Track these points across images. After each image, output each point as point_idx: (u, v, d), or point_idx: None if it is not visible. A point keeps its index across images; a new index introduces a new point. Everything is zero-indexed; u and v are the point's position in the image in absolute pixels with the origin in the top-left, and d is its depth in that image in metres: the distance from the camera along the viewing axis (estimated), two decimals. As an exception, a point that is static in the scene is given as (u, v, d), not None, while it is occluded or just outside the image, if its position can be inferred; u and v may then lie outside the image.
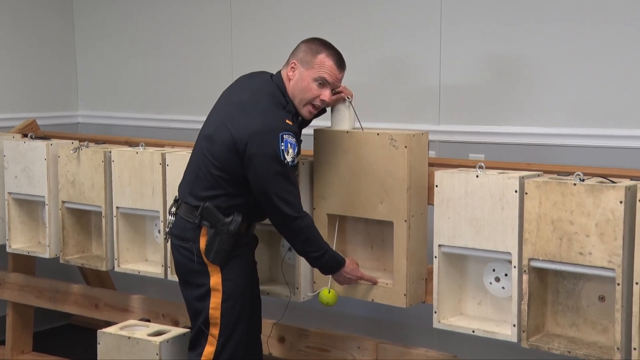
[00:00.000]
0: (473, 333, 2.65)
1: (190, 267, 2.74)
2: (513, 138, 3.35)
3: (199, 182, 2.72)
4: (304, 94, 2.70)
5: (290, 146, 2.60)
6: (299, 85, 2.70)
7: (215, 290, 2.71)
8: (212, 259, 2.69)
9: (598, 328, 2.51)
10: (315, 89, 2.70)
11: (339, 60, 2.73)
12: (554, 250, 2.44)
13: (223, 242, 2.68)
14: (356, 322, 3.81)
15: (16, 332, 4.11)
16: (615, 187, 2.33)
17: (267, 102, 2.67)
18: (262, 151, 2.59)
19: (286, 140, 2.59)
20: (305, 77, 2.69)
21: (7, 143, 3.77)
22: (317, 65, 2.68)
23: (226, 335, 2.73)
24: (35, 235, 3.87)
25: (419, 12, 3.55)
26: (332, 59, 2.70)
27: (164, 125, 4.43)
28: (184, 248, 2.75)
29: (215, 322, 2.72)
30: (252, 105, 2.66)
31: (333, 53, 2.72)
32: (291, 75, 2.71)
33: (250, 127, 2.61)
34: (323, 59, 2.69)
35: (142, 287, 4.22)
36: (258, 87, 2.73)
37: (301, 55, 2.70)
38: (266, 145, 2.58)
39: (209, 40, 4.29)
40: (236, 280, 2.74)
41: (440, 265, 2.70)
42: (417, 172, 2.79)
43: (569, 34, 3.19)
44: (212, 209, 2.68)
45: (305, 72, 2.69)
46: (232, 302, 2.73)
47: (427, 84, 3.55)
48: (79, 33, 4.83)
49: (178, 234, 2.77)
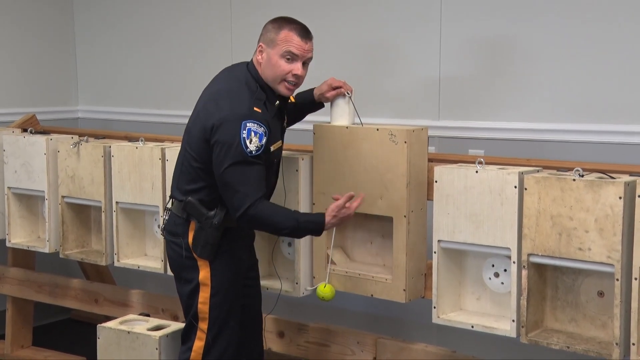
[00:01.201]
0: (472, 328, 2.66)
1: (181, 262, 2.73)
2: (512, 134, 3.35)
3: (183, 176, 2.72)
4: (275, 72, 2.66)
5: (254, 135, 2.54)
6: (269, 66, 2.66)
7: (203, 284, 2.69)
8: (199, 253, 2.68)
9: (597, 323, 2.51)
10: (285, 64, 2.66)
11: (302, 31, 2.68)
12: (553, 245, 2.44)
13: (209, 235, 2.65)
14: (355, 317, 3.81)
15: (16, 327, 4.12)
16: (614, 182, 2.34)
17: (237, 89, 2.64)
18: (223, 138, 2.55)
19: (249, 128, 2.54)
20: (273, 56, 2.65)
21: (6, 138, 3.77)
22: (281, 41, 2.64)
23: (215, 330, 2.71)
24: (34, 230, 3.87)
25: (419, 8, 3.55)
26: (295, 32, 2.66)
27: (163, 120, 4.42)
28: (174, 243, 2.74)
29: (204, 316, 2.70)
30: (223, 94, 2.64)
31: (295, 26, 2.68)
32: (260, 58, 2.69)
33: (216, 115, 2.58)
34: (286, 33, 2.65)
35: (141, 282, 4.22)
36: (233, 76, 2.71)
37: (266, 36, 2.68)
38: (228, 133, 2.54)
39: (209, 35, 4.29)
40: (225, 274, 2.71)
41: (440, 260, 2.70)
42: (417, 168, 2.80)
43: (570, 29, 3.19)
44: (194, 203, 2.66)
45: (271, 52, 2.66)
46: (221, 296, 2.70)
47: (427, 79, 3.54)
48: (78, 28, 4.83)
49: (170, 229, 2.77)
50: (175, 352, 2.93)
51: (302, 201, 2.97)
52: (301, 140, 3.27)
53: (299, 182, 2.97)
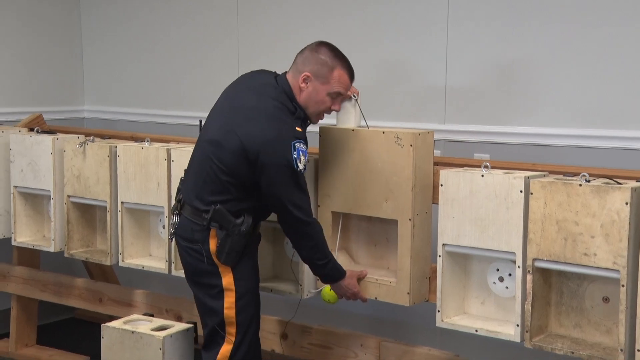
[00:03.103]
0: (476, 332, 2.65)
1: (201, 268, 2.75)
2: (518, 138, 3.35)
3: (207, 187, 2.72)
4: (319, 106, 2.75)
5: (302, 154, 2.62)
6: (313, 99, 2.73)
7: (228, 290, 2.73)
8: (224, 260, 2.70)
9: (602, 329, 2.50)
10: (329, 101, 2.75)
11: (352, 74, 2.78)
12: (559, 250, 2.43)
13: (235, 242, 2.69)
14: (359, 320, 3.81)
15: (20, 325, 4.13)
16: (621, 188, 2.33)
17: (275, 109, 2.67)
18: (276, 161, 2.60)
19: (298, 148, 2.61)
20: (321, 91, 2.72)
21: (13, 137, 3.78)
22: (334, 81, 2.72)
23: (242, 333, 2.76)
24: (40, 229, 3.88)
25: (426, 12, 3.54)
26: (347, 74, 2.75)
27: (169, 121, 4.43)
28: (192, 250, 2.75)
29: (231, 321, 2.74)
30: (261, 113, 2.66)
31: (347, 66, 2.75)
32: (304, 87, 2.72)
33: (261, 137, 2.61)
34: (340, 74, 2.73)
35: (145, 282, 4.22)
36: (264, 92, 2.72)
37: (315, 68, 2.71)
38: (280, 155, 2.60)
39: (216, 36, 4.29)
40: (248, 279, 2.77)
41: (444, 264, 2.70)
42: (422, 171, 2.79)
43: (575, 35, 3.18)
44: (223, 211, 2.68)
45: (320, 87, 2.71)
46: (246, 300, 2.76)
47: (433, 83, 3.54)
48: (85, 28, 4.84)
49: (185, 236, 2.77)
50: (178, 352, 2.93)
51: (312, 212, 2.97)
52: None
53: (304, 184, 2.97)
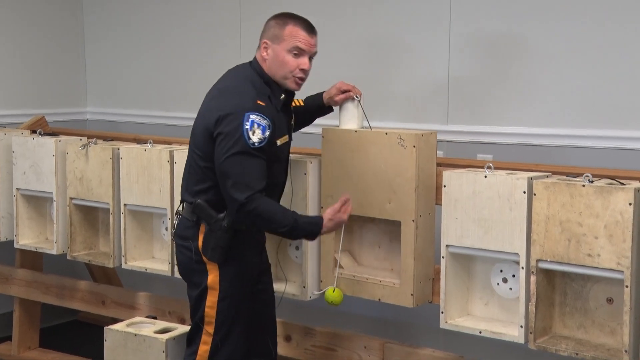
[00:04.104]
0: (480, 334, 2.65)
1: (190, 265, 2.71)
2: (521, 138, 3.34)
3: (191, 177, 2.71)
4: (284, 68, 2.67)
5: (257, 126, 2.54)
6: (276, 62, 2.67)
7: (212, 288, 2.67)
8: (209, 256, 2.65)
9: (606, 330, 2.50)
10: (292, 59, 2.66)
11: (308, 26, 2.69)
12: (562, 251, 2.43)
13: (219, 238, 2.63)
14: (363, 321, 3.80)
15: (23, 328, 4.12)
16: (624, 188, 2.32)
17: (240, 85, 2.65)
18: (225, 130, 2.55)
19: (252, 120, 2.54)
20: (279, 52, 2.66)
21: (15, 139, 3.78)
22: (288, 36, 2.65)
23: (221, 335, 2.68)
24: (42, 231, 3.88)
25: (427, 15, 3.54)
26: (301, 27, 2.67)
27: (172, 122, 4.43)
28: (184, 247, 2.73)
29: (210, 320, 2.68)
30: (226, 91, 2.66)
31: (300, 21, 2.68)
32: (265, 55, 2.68)
33: (219, 109, 2.59)
34: (292, 29, 2.65)
35: (148, 285, 4.22)
36: (236, 75, 2.72)
37: (270, 32, 2.68)
38: (231, 125, 2.54)
39: (218, 38, 4.29)
40: (233, 279, 2.68)
41: (448, 265, 2.69)
42: (425, 172, 2.79)
43: (580, 34, 3.18)
44: (203, 205, 2.65)
45: (277, 47, 2.66)
46: (228, 301, 2.68)
47: (436, 84, 3.54)
48: (88, 30, 4.84)
49: (180, 233, 2.75)
50: (181, 355, 2.92)
51: (310, 204, 2.97)
52: (310, 144, 3.27)
53: (307, 185, 2.97)
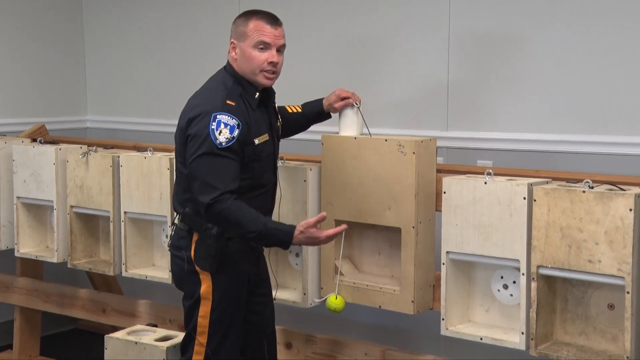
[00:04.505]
0: (481, 340, 2.64)
1: (184, 275, 2.69)
2: (521, 144, 3.34)
3: (178, 186, 2.71)
4: (251, 64, 2.64)
5: (224, 126, 2.52)
6: (244, 59, 2.64)
7: (205, 298, 2.64)
8: (201, 265, 2.63)
9: (607, 336, 2.49)
10: (259, 54, 2.63)
11: (270, 19, 2.66)
12: (563, 257, 2.42)
13: (210, 247, 2.60)
14: (363, 328, 3.80)
15: (24, 337, 4.12)
16: (624, 194, 2.32)
17: (211, 87, 2.66)
18: (193, 132, 2.55)
19: (219, 120, 2.53)
20: (246, 49, 2.64)
21: (16, 148, 3.78)
22: (251, 31, 2.63)
23: (214, 345, 2.65)
24: (43, 239, 3.88)
25: (428, 18, 3.55)
26: (264, 20, 2.64)
27: (172, 130, 4.37)
28: (178, 257, 2.71)
29: (203, 330, 2.65)
30: (199, 94, 2.68)
31: (263, 15, 2.66)
32: (234, 54, 2.67)
33: (189, 112, 2.61)
34: (255, 23, 2.63)
35: (149, 292, 4.22)
36: (212, 79, 2.73)
37: (236, 31, 2.67)
38: (199, 126, 2.54)
39: (217, 46, 4.29)
40: (227, 289, 2.65)
41: (448, 272, 2.69)
42: (425, 179, 2.79)
43: (580, 40, 3.18)
44: (191, 214, 2.63)
45: (243, 45, 2.64)
46: (221, 311, 2.65)
47: (435, 90, 3.54)
48: (88, 38, 4.85)
49: (174, 243, 2.74)
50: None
51: (310, 211, 2.97)
52: (309, 151, 3.27)
53: (307, 192, 2.97)
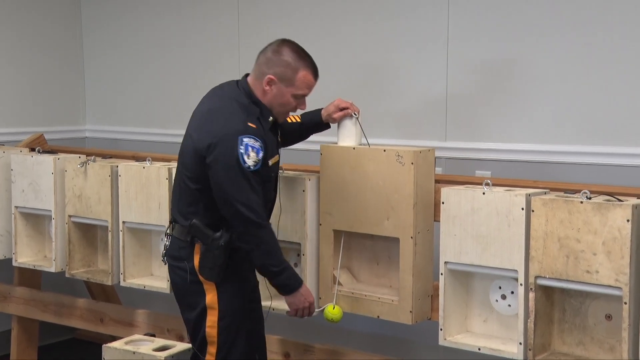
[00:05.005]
0: (479, 351, 2.64)
1: (186, 286, 2.71)
2: (520, 155, 3.35)
3: (182, 199, 2.70)
4: (284, 107, 2.69)
5: (252, 149, 2.53)
6: (278, 100, 2.67)
7: (211, 308, 2.67)
8: (207, 276, 2.65)
9: (605, 347, 2.49)
10: (295, 102, 2.69)
11: (316, 74, 2.70)
12: (561, 268, 2.43)
13: (216, 257, 2.62)
14: (361, 338, 3.79)
15: (21, 346, 4.11)
16: (622, 205, 2.33)
17: (229, 107, 2.63)
18: (221, 156, 2.54)
19: (247, 143, 2.53)
20: (286, 94, 2.66)
21: (14, 157, 3.78)
22: (299, 82, 2.65)
23: (223, 354, 2.68)
24: (41, 249, 3.87)
25: (425, 31, 3.56)
26: (312, 74, 2.67)
27: (170, 140, 4.42)
28: (178, 268, 2.72)
29: (213, 340, 2.68)
30: (212, 113, 2.65)
31: (311, 66, 2.67)
32: (268, 90, 2.65)
33: (210, 133, 2.58)
34: (304, 75, 2.65)
35: (147, 302, 4.21)
36: (223, 95, 2.70)
37: (279, 71, 2.64)
38: (225, 150, 2.53)
39: (216, 56, 4.31)
40: (233, 298, 2.69)
41: (446, 282, 2.69)
42: (424, 189, 2.79)
43: (577, 51, 3.19)
44: (199, 225, 2.64)
45: (285, 89, 2.65)
46: (229, 320, 2.68)
47: (434, 100, 3.55)
48: (86, 48, 4.86)
49: (173, 254, 2.75)
50: (180, 373, 2.92)
51: (308, 222, 2.97)
52: (308, 161, 3.28)
53: (305, 202, 2.97)
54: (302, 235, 2.97)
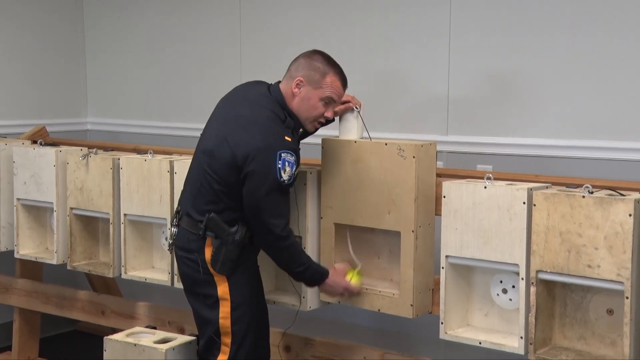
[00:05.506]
0: (480, 345, 2.64)
1: (197, 277, 2.76)
2: (521, 149, 3.35)
3: (201, 197, 2.74)
4: (311, 112, 2.75)
5: (287, 165, 2.62)
6: (305, 104, 2.73)
7: (223, 299, 2.74)
8: (218, 269, 2.72)
9: (606, 341, 2.49)
10: (322, 107, 2.75)
11: (344, 80, 2.78)
12: (562, 262, 2.43)
13: (229, 252, 2.70)
14: (362, 332, 3.80)
15: (23, 338, 4.12)
16: (624, 199, 2.32)
17: (266, 118, 2.69)
18: (259, 169, 2.62)
19: (284, 158, 2.62)
20: (313, 97, 2.72)
21: (16, 149, 3.78)
22: (327, 85, 2.72)
23: (238, 343, 2.76)
24: (43, 241, 3.88)
25: (428, 25, 3.55)
26: (340, 80, 2.75)
27: (172, 132, 4.44)
28: (189, 259, 2.77)
29: (227, 331, 2.75)
30: (251, 121, 2.68)
31: (340, 73, 2.76)
32: (297, 92, 2.73)
33: (249, 145, 2.63)
34: (332, 79, 2.73)
35: (148, 294, 4.22)
36: (257, 102, 2.74)
37: (308, 73, 2.72)
38: (264, 163, 2.61)
39: (218, 49, 4.30)
40: (243, 288, 2.77)
41: (447, 276, 2.69)
42: (425, 183, 2.79)
43: (578, 46, 3.19)
44: (217, 219, 2.70)
45: (312, 92, 2.72)
46: (242, 310, 2.76)
47: (435, 94, 3.55)
48: (88, 41, 4.86)
49: (182, 246, 2.79)
50: (181, 365, 2.93)
51: (309, 215, 2.97)
52: (309, 154, 3.28)
53: (306, 195, 2.97)
54: (303, 229, 2.97)
